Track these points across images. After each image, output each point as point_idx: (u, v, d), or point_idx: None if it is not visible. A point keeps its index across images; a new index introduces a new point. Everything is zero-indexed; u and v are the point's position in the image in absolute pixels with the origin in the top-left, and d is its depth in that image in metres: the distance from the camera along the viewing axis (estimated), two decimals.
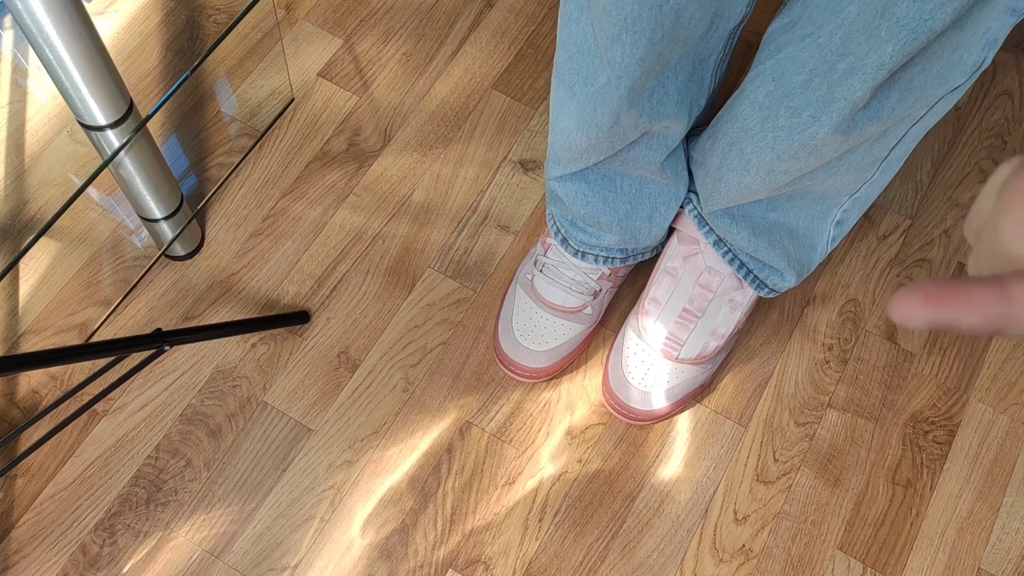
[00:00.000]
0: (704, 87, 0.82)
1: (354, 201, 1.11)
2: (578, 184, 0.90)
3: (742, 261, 0.94)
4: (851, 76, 0.65)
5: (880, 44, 0.61)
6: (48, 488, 0.97)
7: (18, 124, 1.13)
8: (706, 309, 0.97)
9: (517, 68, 1.19)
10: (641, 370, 0.98)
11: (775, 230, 0.90)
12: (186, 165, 1.12)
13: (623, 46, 0.69)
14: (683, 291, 0.97)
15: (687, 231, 0.97)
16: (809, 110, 0.70)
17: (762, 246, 0.91)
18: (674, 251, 0.98)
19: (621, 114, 0.77)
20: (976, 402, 1.04)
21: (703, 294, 0.97)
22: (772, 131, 0.75)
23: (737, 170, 0.82)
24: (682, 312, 0.97)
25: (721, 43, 0.79)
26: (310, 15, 1.21)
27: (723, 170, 0.84)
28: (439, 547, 0.96)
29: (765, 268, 0.94)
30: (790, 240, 0.92)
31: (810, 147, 0.73)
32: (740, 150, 0.80)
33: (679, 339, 0.97)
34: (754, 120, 0.77)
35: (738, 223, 0.90)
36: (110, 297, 1.05)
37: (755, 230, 0.90)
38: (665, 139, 0.84)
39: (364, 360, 1.03)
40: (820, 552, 0.97)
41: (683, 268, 0.97)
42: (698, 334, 0.97)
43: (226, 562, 0.95)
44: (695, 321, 0.97)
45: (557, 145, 0.87)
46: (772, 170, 0.78)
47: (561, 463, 1.00)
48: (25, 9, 0.74)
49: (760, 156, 0.78)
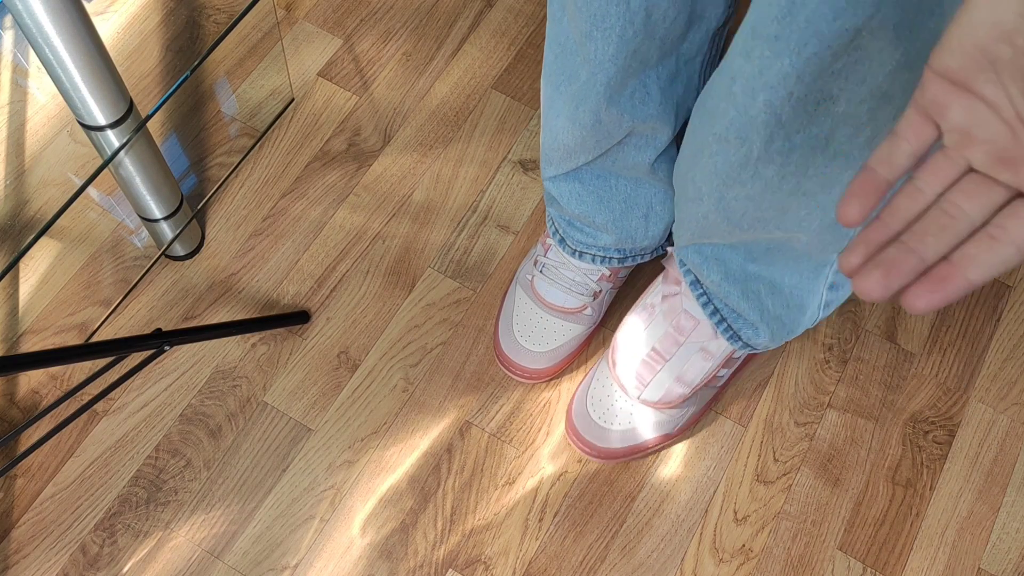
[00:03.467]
0: (692, 88, 0.81)
1: (354, 201, 1.11)
2: (572, 184, 0.90)
3: (716, 307, 0.90)
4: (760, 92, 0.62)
5: (775, 58, 0.58)
6: (48, 488, 0.97)
7: (18, 124, 1.13)
8: (675, 353, 0.94)
9: (517, 68, 1.19)
10: (604, 405, 0.96)
11: (752, 281, 0.86)
12: (186, 165, 1.12)
13: (595, 42, 0.70)
14: (656, 329, 0.94)
15: (672, 271, 0.94)
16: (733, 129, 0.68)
17: (734, 293, 0.86)
18: (657, 288, 0.96)
19: (601, 112, 0.77)
20: (976, 402, 1.04)
21: (674, 336, 0.93)
22: (709, 156, 0.72)
23: (693, 199, 0.79)
24: (651, 351, 0.94)
25: (705, 44, 0.77)
26: (310, 15, 1.21)
27: (682, 199, 0.82)
28: (439, 547, 0.96)
29: (739, 319, 0.90)
30: (770, 295, 0.87)
31: (750, 168, 0.69)
32: (692, 178, 0.77)
33: (644, 379, 0.94)
34: (695, 146, 0.75)
35: (709, 263, 0.86)
36: (110, 297, 1.05)
37: (728, 275, 0.86)
38: (653, 140, 0.84)
39: (364, 360, 1.03)
40: (820, 552, 0.97)
41: (660, 307, 0.94)
42: (663, 377, 0.94)
43: (226, 562, 0.95)
44: (662, 363, 0.94)
45: (547, 145, 0.88)
46: (723, 197, 0.74)
47: (561, 463, 1.00)
48: (25, 9, 0.74)
49: (708, 183, 0.75)
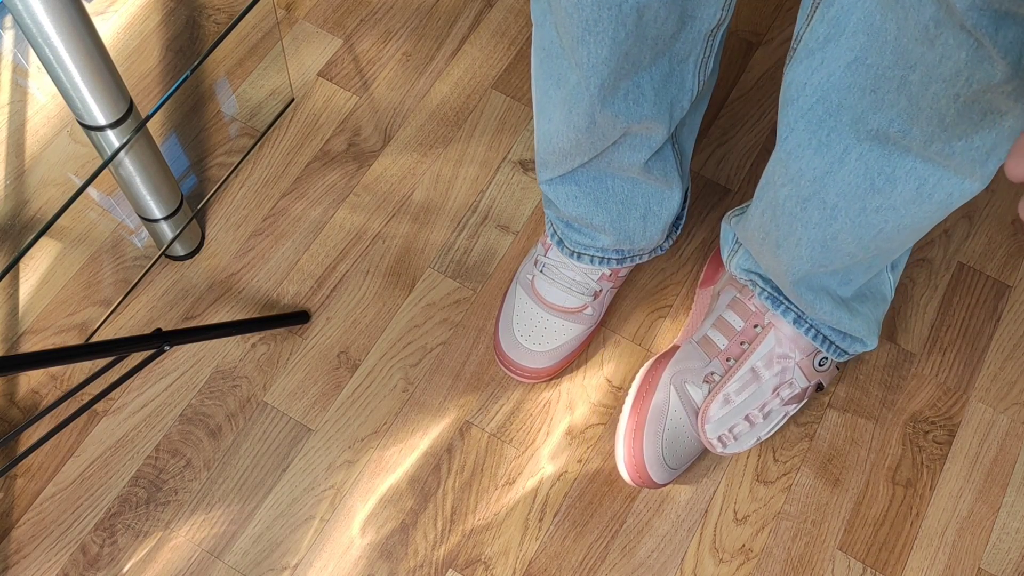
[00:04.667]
0: (685, 88, 0.81)
1: (354, 201, 1.11)
2: (569, 186, 0.90)
3: (825, 335, 0.91)
4: (929, 85, 0.60)
5: (950, 50, 0.56)
6: (48, 488, 0.97)
7: (18, 124, 1.13)
8: (769, 414, 0.95)
9: (517, 68, 1.19)
10: (679, 448, 0.96)
11: (851, 303, 0.89)
12: (186, 165, 1.12)
13: (587, 47, 0.69)
14: (759, 397, 0.94)
15: (784, 329, 0.92)
16: (896, 124, 0.65)
17: (844, 317, 0.88)
18: (769, 351, 0.94)
19: (596, 114, 0.76)
20: (976, 402, 1.04)
21: (774, 402, 0.94)
22: (854, 159, 0.70)
23: (820, 223, 0.76)
24: (747, 416, 0.94)
25: (698, 44, 0.76)
26: (310, 15, 1.21)
27: (800, 230, 0.78)
28: (439, 547, 0.96)
29: (846, 338, 0.92)
30: (865, 304, 0.90)
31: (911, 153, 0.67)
32: (821, 200, 0.74)
33: (735, 434, 0.95)
34: (827, 163, 0.71)
35: (819, 295, 0.86)
36: (110, 297, 1.05)
37: (835, 301, 0.87)
38: (647, 140, 0.83)
39: (364, 360, 1.03)
40: (820, 552, 0.97)
41: (767, 373, 0.94)
42: (747, 435, 0.95)
43: (226, 562, 0.95)
44: (755, 424, 0.95)
45: (541, 149, 0.87)
46: (864, 208, 0.73)
47: (561, 463, 1.00)
48: (25, 9, 0.74)
49: (849, 194, 0.72)
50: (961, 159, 0.65)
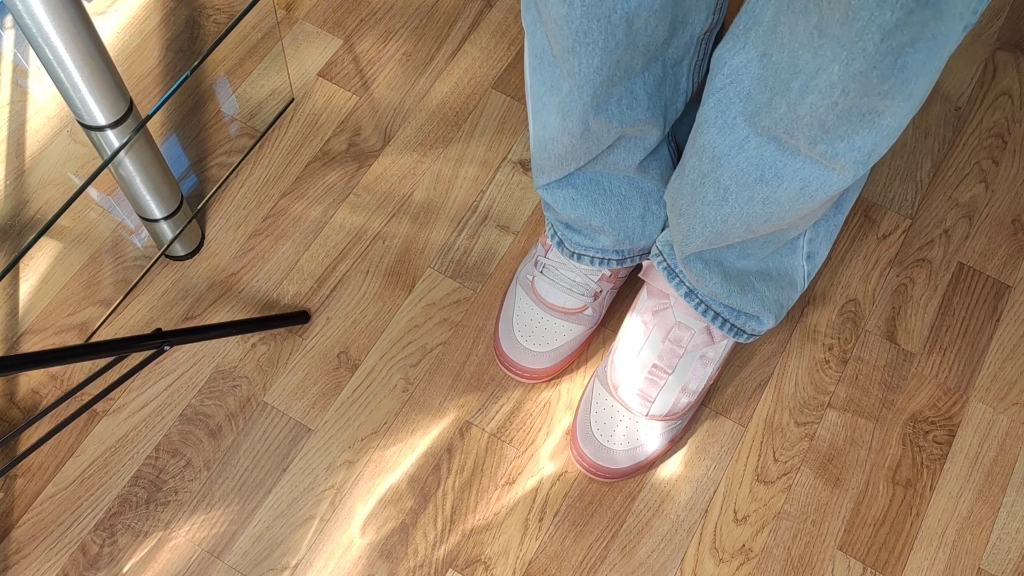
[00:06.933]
0: (680, 90, 0.81)
1: (354, 201, 1.11)
2: (566, 190, 0.90)
3: (716, 311, 0.91)
4: (807, 95, 0.62)
5: (826, 62, 0.59)
6: (48, 488, 0.97)
7: (18, 124, 1.13)
8: (676, 365, 0.95)
9: (517, 68, 1.19)
10: (609, 427, 0.96)
11: (745, 276, 0.88)
12: (186, 165, 1.12)
13: (578, 57, 0.70)
14: (653, 346, 0.95)
15: (656, 284, 0.94)
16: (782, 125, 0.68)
17: (734, 292, 0.88)
18: (643, 305, 0.96)
19: (590, 120, 0.76)
20: (976, 402, 1.04)
21: (673, 350, 0.94)
22: (751, 148, 0.72)
23: (714, 202, 0.78)
24: (652, 368, 0.95)
25: (692, 48, 0.77)
26: (310, 15, 1.21)
27: (698, 204, 0.81)
28: (439, 547, 0.96)
29: (740, 315, 0.91)
30: (764, 283, 0.89)
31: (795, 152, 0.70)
32: (716, 179, 0.76)
33: (649, 396, 0.95)
34: (727, 145, 0.74)
35: (711, 268, 0.87)
36: (110, 297, 1.05)
37: (726, 276, 0.87)
38: (642, 141, 0.84)
39: (364, 360, 1.03)
40: (820, 552, 0.98)
41: (652, 322, 0.95)
42: (668, 391, 0.95)
43: (226, 562, 0.95)
44: (665, 377, 0.95)
45: (537, 155, 0.88)
46: (752, 197, 0.75)
47: (561, 463, 1.00)
48: (25, 9, 0.74)
49: (741, 180, 0.74)
50: (845, 160, 0.67)
